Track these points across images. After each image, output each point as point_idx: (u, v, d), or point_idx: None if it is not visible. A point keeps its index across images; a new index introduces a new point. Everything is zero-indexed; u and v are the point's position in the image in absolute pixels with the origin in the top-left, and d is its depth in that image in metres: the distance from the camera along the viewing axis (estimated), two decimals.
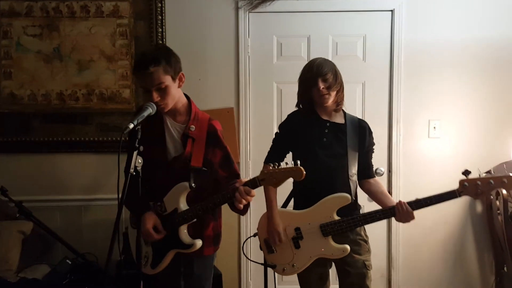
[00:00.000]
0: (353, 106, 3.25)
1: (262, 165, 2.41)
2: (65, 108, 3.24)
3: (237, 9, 3.23)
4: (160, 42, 3.20)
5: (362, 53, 3.31)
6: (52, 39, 3.21)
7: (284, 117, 2.47)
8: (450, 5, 3.25)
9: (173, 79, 2.04)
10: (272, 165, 1.92)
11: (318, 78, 2.21)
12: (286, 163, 1.92)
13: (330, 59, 3.16)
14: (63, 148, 3.24)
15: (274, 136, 2.45)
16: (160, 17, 3.20)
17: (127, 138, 1.86)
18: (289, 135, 2.37)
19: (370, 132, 2.39)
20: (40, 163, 3.25)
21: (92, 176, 3.25)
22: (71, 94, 3.24)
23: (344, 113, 2.39)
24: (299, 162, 1.89)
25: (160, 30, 3.20)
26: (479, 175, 2.10)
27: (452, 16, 3.26)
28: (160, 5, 3.19)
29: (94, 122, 3.25)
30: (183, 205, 2.09)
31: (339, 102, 2.31)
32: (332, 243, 2.25)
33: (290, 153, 2.40)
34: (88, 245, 3.06)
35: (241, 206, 1.97)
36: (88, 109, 3.24)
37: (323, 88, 2.21)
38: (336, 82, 2.25)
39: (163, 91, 2.00)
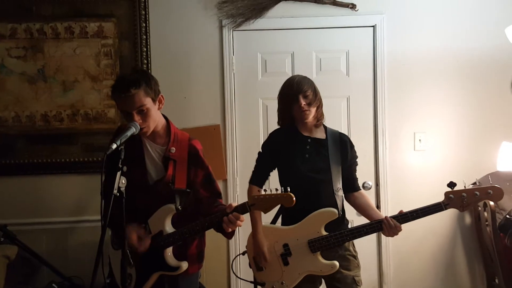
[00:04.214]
0: (338, 120, 3.27)
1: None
2: (50, 129, 3.22)
3: (221, 27, 3.26)
4: (145, 61, 3.21)
5: (346, 68, 3.34)
6: (37, 61, 3.20)
7: (270, 133, 2.47)
8: (430, 19, 3.30)
9: (154, 101, 2.04)
10: (262, 190, 1.96)
11: (299, 95, 2.24)
12: (276, 189, 1.96)
13: (314, 74, 3.26)
14: (48, 169, 3.21)
15: (257, 155, 2.45)
16: (144, 37, 3.21)
17: (106, 159, 1.82)
18: (272, 154, 2.38)
19: (352, 145, 2.41)
20: (25, 185, 3.21)
21: (77, 198, 3.21)
22: (56, 115, 3.22)
23: (325, 128, 2.40)
24: (289, 188, 1.94)
25: (145, 49, 3.21)
26: (464, 186, 2.11)
27: (432, 29, 3.31)
28: (144, 25, 3.21)
29: (79, 143, 3.23)
30: (169, 228, 2.08)
31: (319, 117, 2.34)
32: (321, 259, 2.23)
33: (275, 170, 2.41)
34: (74, 268, 3.02)
35: (229, 229, 1.99)
36: (73, 129, 3.22)
37: (304, 104, 2.24)
38: (315, 98, 2.29)
39: (145, 114, 2.00)
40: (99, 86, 3.23)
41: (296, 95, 2.24)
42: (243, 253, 2.43)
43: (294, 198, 1.93)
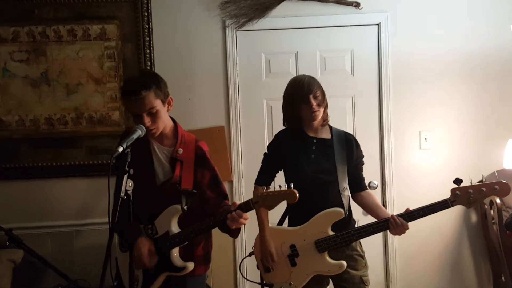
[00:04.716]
0: (343, 120, 3.26)
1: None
2: (54, 133, 3.21)
3: (224, 28, 3.25)
4: (148, 63, 3.20)
5: (350, 67, 3.32)
6: (39, 64, 3.20)
7: (275, 134, 2.47)
8: (435, 17, 3.29)
9: (163, 103, 2.05)
10: (265, 188, 1.96)
11: (309, 95, 2.23)
12: (280, 186, 1.97)
13: (318, 74, 3.25)
14: (52, 173, 3.21)
15: (263, 156, 2.45)
16: (147, 39, 3.20)
17: (115, 162, 1.82)
18: (278, 155, 2.38)
19: (358, 145, 2.40)
20: (30, 189, 3.21)
21: (82, 201, 3.21)
22: (60, 118, 3.21)
23: (330, 127, 2.40)
24: (292, 185, 1.94)
25: (148, 51, 3.20)
26: (471, 183, 2.10)
27: (437, 27, 3.29)
28: (147, 26, 3.20)
29: (83, 146, 3.22)
30: (175, 228, 2.09)
31: (325, 118, 2.35)
32: (328, 259, 2.23)
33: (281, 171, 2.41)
34: (80, 271, 3.01)
35: (233, 226, 1.99)
36: (77, 132, 3.22)
37: (315, 105, 2.24)
38: (323, 98, 2.29)
39: (154, 116, 2.01)
40: (102, 89, 3.22)
41: (306, 96, 2.23)
42: (250, 254, 2.42)
43: (297, 194, 1.93)
